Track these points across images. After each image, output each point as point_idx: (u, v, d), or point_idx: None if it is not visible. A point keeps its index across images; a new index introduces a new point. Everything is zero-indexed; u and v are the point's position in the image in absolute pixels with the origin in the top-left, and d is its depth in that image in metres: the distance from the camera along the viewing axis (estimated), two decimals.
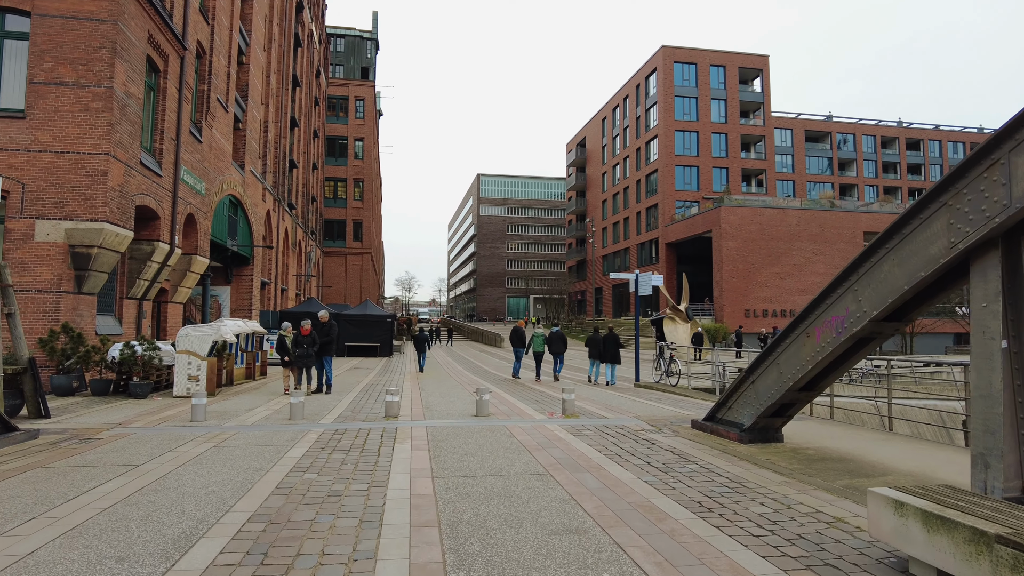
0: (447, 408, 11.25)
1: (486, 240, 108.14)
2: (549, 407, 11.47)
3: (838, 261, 48.96)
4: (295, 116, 40.05)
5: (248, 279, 27.99)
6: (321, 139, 58.36)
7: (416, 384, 16.69)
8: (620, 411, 11.04)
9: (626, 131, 68.19)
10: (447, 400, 12.60)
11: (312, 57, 47.99)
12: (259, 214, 28.93)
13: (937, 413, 11.47)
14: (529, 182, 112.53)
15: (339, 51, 71.43)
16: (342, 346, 31.65)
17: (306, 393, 13.56)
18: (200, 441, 7.83)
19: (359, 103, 65.94)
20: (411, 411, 10.80)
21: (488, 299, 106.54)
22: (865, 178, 77.73)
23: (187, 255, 19.64)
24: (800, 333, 6.94)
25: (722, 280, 47.66)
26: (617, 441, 8.01)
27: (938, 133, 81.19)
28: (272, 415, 10.34)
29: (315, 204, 53.04)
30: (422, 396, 13.38)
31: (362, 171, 63.64)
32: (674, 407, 11.73)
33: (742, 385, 8.00)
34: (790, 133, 76.16)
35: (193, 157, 19.23)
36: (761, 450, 7.42)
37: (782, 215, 48.80)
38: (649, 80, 62.65)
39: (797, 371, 6.93)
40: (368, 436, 8.22)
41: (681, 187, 59.43)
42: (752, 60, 61.23)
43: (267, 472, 6.16)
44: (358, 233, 62.59)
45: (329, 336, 14.05)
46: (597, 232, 73.63)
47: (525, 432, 8.56)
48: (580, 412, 10.71)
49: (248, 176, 26.64)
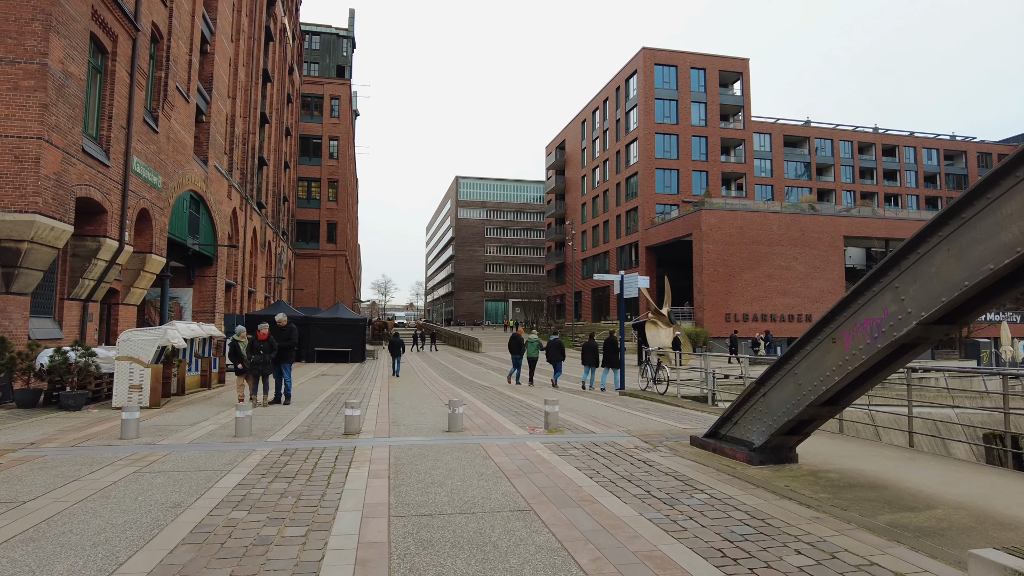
0: (417, 422, 10.12)
1: (464, 243, 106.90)
2: (530, 420, 10.41)
3: (818, 266, 48.77)
4: (265, 112, 38.61)
5: (212, 280, 26.52)
6: (294, 138, 56.80)
7: (386, 393, 15.52)
8: (608, 424, 10.01)
9: (606, 134, 67.58)
10: (417, 412, 11.47)
11: (285, 53, 46.55)
12: (224, 212, 27.50)
13: (958, 426, 10.62)
14: (508, 185, 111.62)
15: (314, 48, 69.96)
16: (312, 351, 30.30)
17: (263, 404, 12.34)
18: (120, 466, 6.62)
19: (334, 102, 64.46)
20: (375, 426, 9.65)
21: (466, 303, 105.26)
22: (843, 183, 78.09)
23: (140, 253, 18.25)
24: (824, 339, 5.96)
25: (702, 284, 47.06)
26: (609, 463, 6.97)
27: (913, 140, 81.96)
28: (217, 430, 9.13)
29: (287, 204, 51.49)
30: (390, 407, 12.22)
31: (337, 171, 62.15)
32: (665, 419, 10.74)
33: (751, 398, 7.01)
34: (769, 138, 76.17)
35: (148, 148, 17.87)
36: (776, 473, 6.43)
37: (762, 219, 48.40)
38: (629, 82, 62.12)
39: (820, 382, 5.95)
40: (320, 458, 7.08)
41: (661, 190, 58.90)
42: (732, 63, 61.02)
43: (186, 509, 5.00)
44: (332, 235, 61.06)
45: (288, 341, 12.84)
46: (576, 235, 72.89)
47: (503, 452, 7.48)
48: (565, 426, 9.66)
49: (212, 172, 25.23)
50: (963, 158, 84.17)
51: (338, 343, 30.68)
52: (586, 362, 17.17)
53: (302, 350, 30.36)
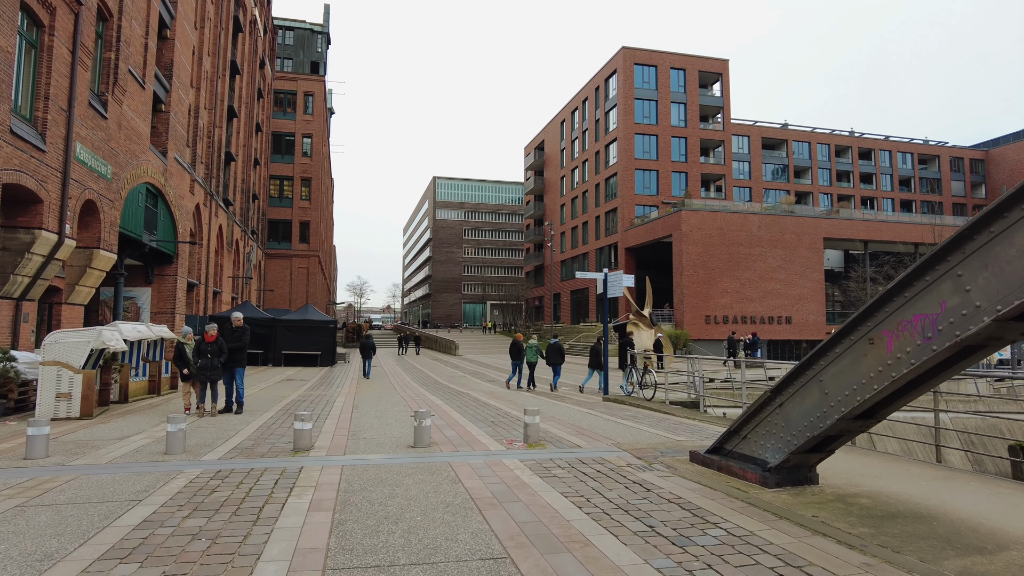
0: (380, 435, 8.99)
1: (442, 244, 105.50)
2: (508, 431, 9.33)
3: (798, 267, 48.45)
4: (234, 106, 37.08)
5: (172, 279, 25.02)
6: (266, 134, 55.14)
7: (351, 400, 14.33)
8: (594, 436, 8.98)
9: (585, 134, 66.88)
10: (382, 423, 10.32)
11: (255, 46, 45.00)
12: (186, 208, 26.03)
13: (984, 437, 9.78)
14: (487, 186, 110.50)
15: (288, 44, 68.28)
16: (278, 354, 28.91)
17: (211, 413, 11.10)
18: (6, 496, 5.41)
19: (308, 98, 62.84)
20: (332, 440, 8.50)
21: (443, 305, 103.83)
22: (820, 186, 78.41)
23: (86, 248, 16.82)
24: (859, 340, 4.99)
25: (682, 286, 46.44)
26: (600, 486, 5.92)
27: (888, 143, 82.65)
28: (148, 446, 7.91)
29: (257, 203, 49.86)
30: (353, 417, 11.06)
31: (310, 169, 60.54)
32: (656, 428, 9.73)
33: (765, 409, 6.02)
34: (747, 140, 76.25)
35: (95, 135, 16.47)
36: (797, 499, 5.44)
37: (743, 220, 47.96)
38: (609, 82, 61.48)
39: (853, 392, 4.98)
40: (257, 483, 5.93)
41: (640, 191, 58.30)
42: (712, 64, 60.70)
43: (59, 562, 3.85)
44: (305, 234, 59.41)
45: (240, 343, 11.58)
46: (555, 237, 72.06)
47: (476, 473, 6.40)
48: (547, 438, 8.60)
49: (172, 164, 23.78)
50: (936, 162, 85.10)
51: (307, 346, 29.32)
52: (592, 365, 17.37)
53: (269, 353, 29.01)
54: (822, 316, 48.63)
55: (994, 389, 23.77)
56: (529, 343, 18.93)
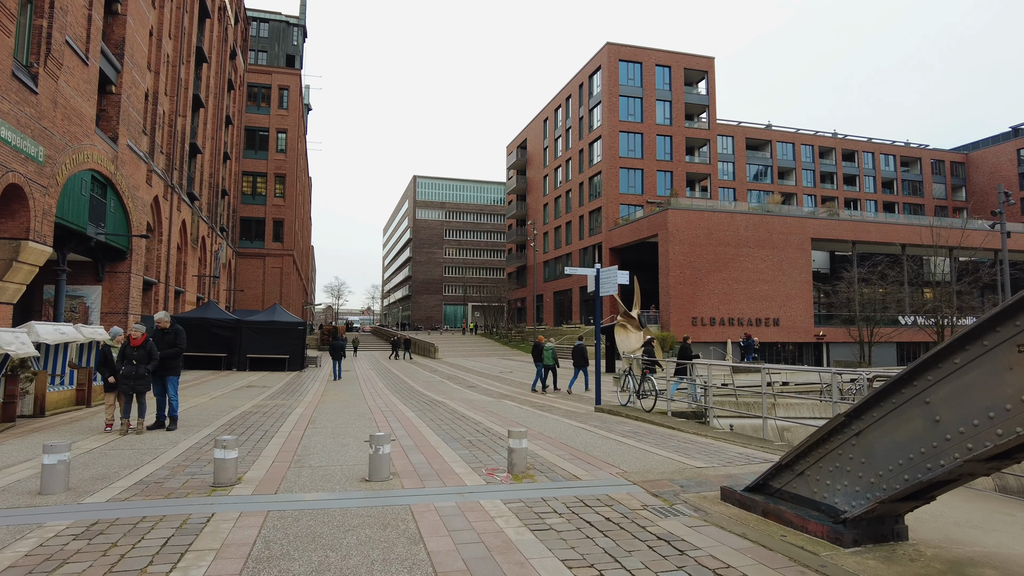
0: (330, 460, 7.32)
1: (422, 245, 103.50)
2: (488, 456, 7.70)
3: (786, 268, 47.43)
4: (200, 95, 35.06)
5: (125, 277, 23.02)
6: (237, 128, 52.97)
7: (310, 411, 12.61)
8: (593, 461, 7.39)
9: (568, 132, 65.51)
10: (337, 443, 8.64)
11: (225, 33, 42.91)
12: (141, 200, 24.05)
13: None
14: (468, 185, 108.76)
15: (262, 36, 66.12)
16: (243, 358, 26.99)
17: (138, 430, 9.34)
18: None
19: (283, 92, 60.76)
20: (268, 468, 6.81)
21: (424, 307, 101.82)
22: (804, 187, 77.90)
23: (11, 240, 14.90)
24: (994, 349, 3.45)
25: (668, 286, 45.15)
26: (614, 545, 4.33)
27: (871, 145, 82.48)
28: (25, 481, 6.16)
29: (227, 199, 47.72)
30: (305, 435, 9.36)
31: (284, 165, 58.44)
32: (664, 449, 8.18)
33: (834, 439, 4.48)
34: (731, 140, 75.55)
35: (21, 110, 14.57)
36: (889, 566, 3.90)
37: (730, 219, 46.83)
38: (593, 79, 60.19)
39: (987, 421, 3.44)
40: (138, 544, 4.24)
41: (625, 190, 57.03)
42: (698, 61, 59.67)
43: None
44: (279, 233, 57.29)
45: (174, 347, 9.82)
46: (538, 237, 70.56)
47: (444, 526, 4.77)
48: (536, 465, 6.99)
49: (124, 152, 21.83)
50: (918, 165, 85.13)
51: (274, 349, 27.44)
52: (578, 365, 17.61)
53: (233, 357, 27.08)
54: (810, 318, 47.68)
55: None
56: (546, 346, 18.71)
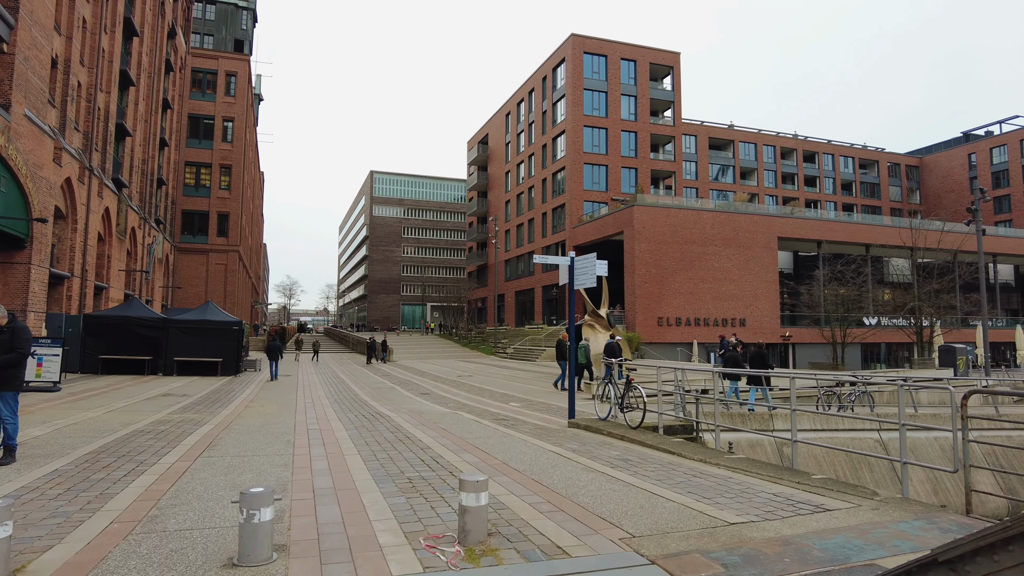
0: (198, 521, 5.00)
1: (379, 243, 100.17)
2: (431, 510, 5.47)
3: (753, 267, 46.39)
4: (129, 72, 31.78)
5: (24, 268, 20.00)
6: (179, 114, 49.42)
7: (221, 429, 10.18)
8: (582, 515, 5.25)
9: (531, 126, 63.59)
10: (227, 484, 6.29)
11: (161, 8, 39.52)
12: (46, 180, 21.02)
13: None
14: (428, 182, 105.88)
15: (208, 19, 62.44)
16: (171, 362, 24.09)
17: None
18: None
19: (231, 79, 57.17)
20: (93, 538, 4.46)
21: (381, 307, 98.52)
22: (766, 188, 77.80)
23: None
24: None
25: (634, 286, 43.55)
26: None
27: (830, 147, 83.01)
28: None
29: (165, 188, 44.22)
30: (192, 468, 6.99)
31: (231, 156, 54.94)
32: (676, 490, 6.10)
33: None
34: (695, 139, 74.88)
35: None
36: None
37: (696, 217, 45.55)
38: (557, 72, 58.41)
39: None
40: None
41: (589, 187, 55.38)
42: (663, 56, 58.46)
43: None
44: (223, 227, 53.77)
45: (12, 352, 7.27)
46: (500, 234, 68.42)
47: None
48: (501, 528, 4.81)
49: (22, 123, 18.85)
50: (875, 167, 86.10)
51: (205, 351, 24.59)
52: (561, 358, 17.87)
53: (159, 360, 24.14)
54: (777, 318, 46.76)
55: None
56: (580, 344, 18.24)
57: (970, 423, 14.24)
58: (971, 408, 17.96)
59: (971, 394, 5.04)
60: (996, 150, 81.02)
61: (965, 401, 4.99)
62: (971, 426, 13.97)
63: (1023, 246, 55.51)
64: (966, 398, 5.00)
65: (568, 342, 19.03)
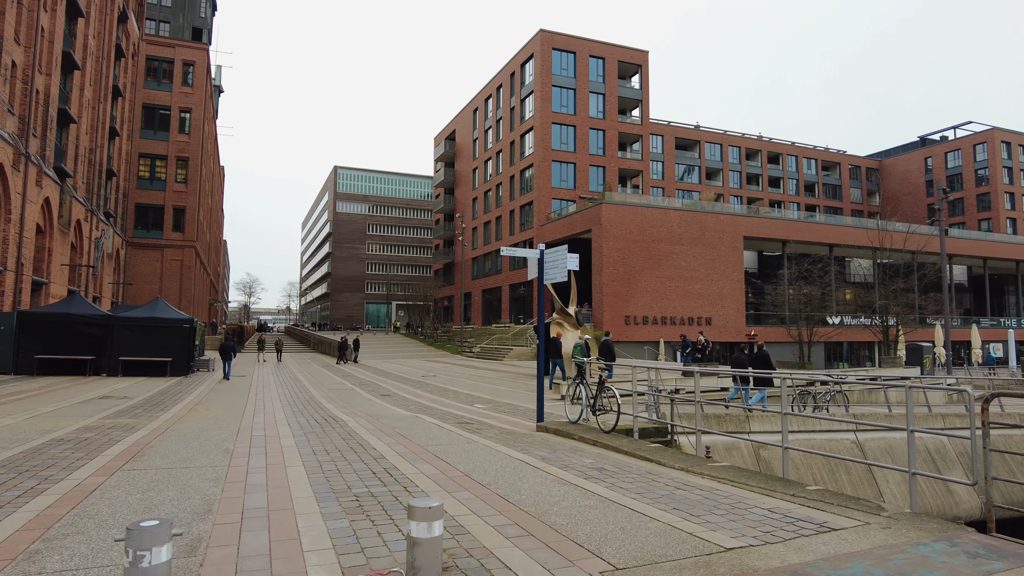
0: (88, 559, 4.13)
1: (343, 240, 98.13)
2: (379, 534, 4.69)
3: (719, 266, 46.40)
4: (73, 54, 30.02)
5: None
6: (132, 103, 47.31)
7: (154, 436, 9.18)
8: (556, 541, 4.52)
9: (499, 123, 62.81)
10: (141, 505, 5.39)
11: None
12: None
13: None
14: (394, 178, 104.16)
15: (165, 5, 60.31)
16: (115, 362, 22.66)
17: None
18: None
19: (188, 68, 55.05)
20: None
21: (344, 305, 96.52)
22: (731, 188, 78.48)
23: None
24: None
25: (602, 284, 43.14)
26: None
27: (794, 149, 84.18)
28: None
29: (116, 180, 42.22)
30: (106, 484, 6.06)
31: (188, 148, 52.88)
32: (659, 506, 5.41)
33: None
34: (661, 139, 75.13)
35: None
36: None
37: (664, 215, 45.37)
38: (525, 68, 57.74)
39: None
40: None
41: (558, 184, 54.85)
42: (632, 55, 58.28)
43: None
44: (179, 222, 51.70)
45: None
46: (467, 232, 67.47)
47: None
48: (458, 561, 4.05)
49: None
50: (837, 169, 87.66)
51: (153, 351, 23.22)
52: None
53: (103, 360, 22.68)
54: (742, 317, 46.87)
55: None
56: (577, 342, 18.01)
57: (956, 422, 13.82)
58: (940, 408, 17.66)
59: (993, 397, 4.47)
60: (951, 154, 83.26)
61: (986, 405, 4.42)
62: (958, 425, 13.61)
63: (976, 248, 56.87)
64: (987, 402, 4.43)
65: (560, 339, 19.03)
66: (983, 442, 4.34)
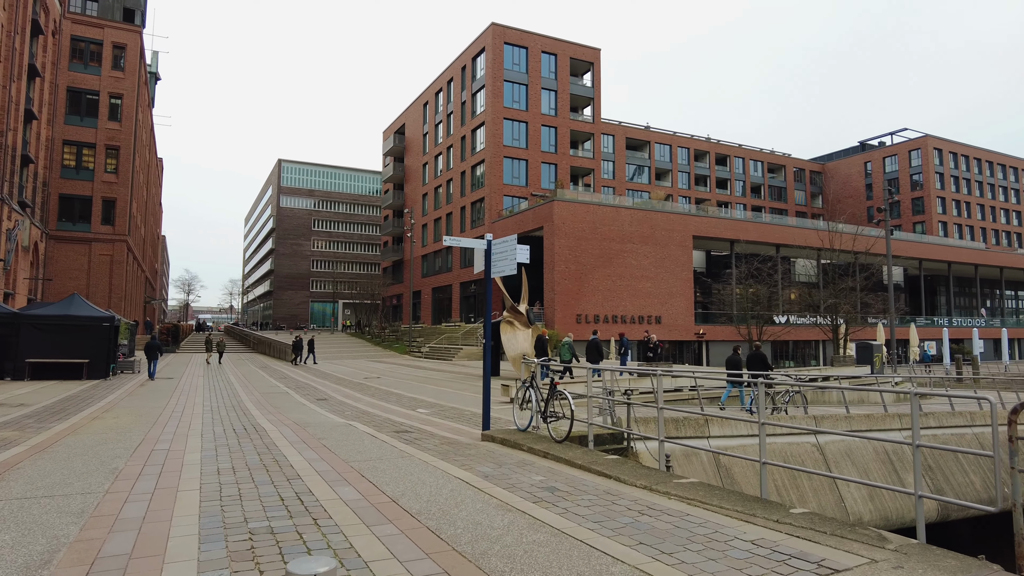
0: None
1: (287, 236, 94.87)
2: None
3: (668, 265, 46.45)
4: None
5: None
6: (54, 85, 44.07)
7: (33, 452, 7.82)
8: None
9: (450, 117, 61.57)
10: None
11: None
12: None
13: None
14: (341, 173, 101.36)
15: None
16: (21, 364, 20.59)
17: None
18: None
19: (119, 51, 51.84)
20: None
21: (288, 304, 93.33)
22: (680, 188, 79.24)
23: None
24: None
25: (554, 282, 42.56)
26: None
27: (741, 151, 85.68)
28: None
29: (33, 167, 39.18)
30: None
31: (119, 137, 49.73)
32: (623, 541, 4.53)
33: None
34: (612, 139, 75.23)
35: None
36: None
37: (615, 214, 45.11)
38: (477, 61, 56.68)
39: None
40: None
41: (509, 181, 54.03)
42: (584, 52, 57.93)
43: None
44: (109, 215, 48.58)
45: None
46: (416, 229, 65.96)
47: None
48: None
49: None
50: (782, 172, 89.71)
51: (67, 351, 21.23)
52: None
53: (6, 363, 20.57)
54: (691, 316, 47.04)
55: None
56: (564, 341, 18.03)
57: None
58: (895, 407, 17.28)
59: (1022, 408, 3.74)
60: (888, 159, 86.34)
61: (1014, 417, 3.69)
62: (922, 426, 13.16)
63: (913, 249, 58.74)
64: (1015, 413, 3.70)
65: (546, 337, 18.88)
66: (1010, 461, 3.62)
